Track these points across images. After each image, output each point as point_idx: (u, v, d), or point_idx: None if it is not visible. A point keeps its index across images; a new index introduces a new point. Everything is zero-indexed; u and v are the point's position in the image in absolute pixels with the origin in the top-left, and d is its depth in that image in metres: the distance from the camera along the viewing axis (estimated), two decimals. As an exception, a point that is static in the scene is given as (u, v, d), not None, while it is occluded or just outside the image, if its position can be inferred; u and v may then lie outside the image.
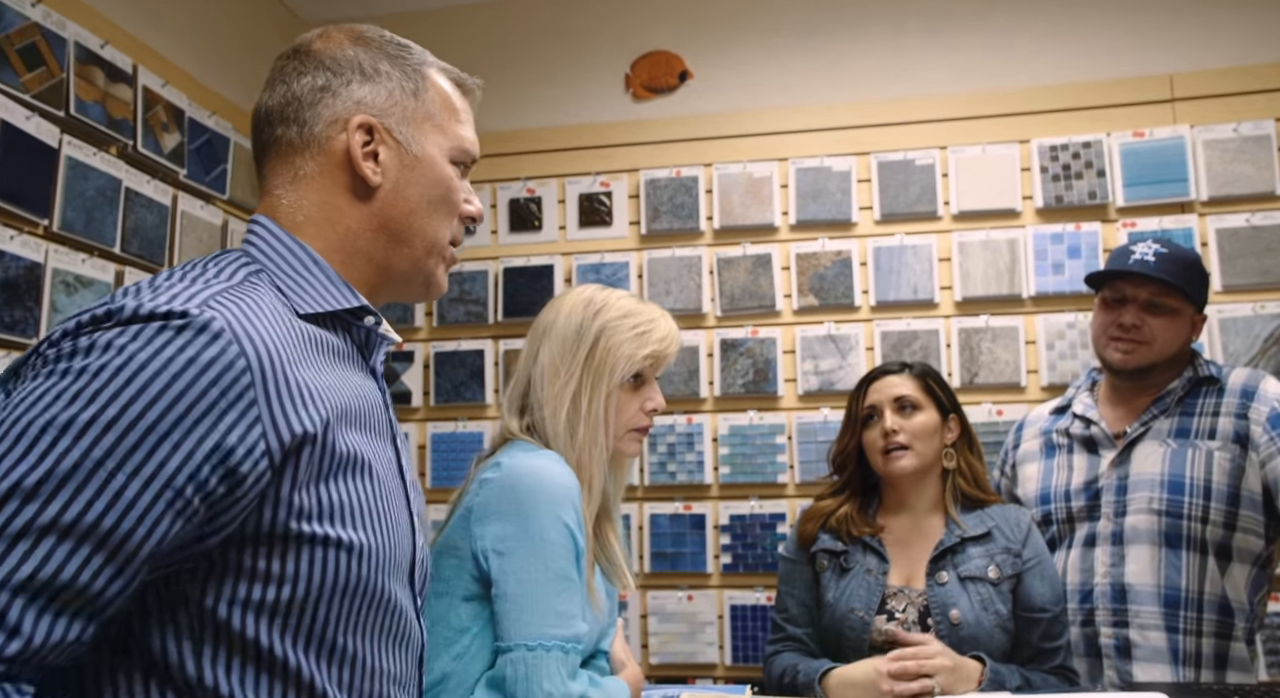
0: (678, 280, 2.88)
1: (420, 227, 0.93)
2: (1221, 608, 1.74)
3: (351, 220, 0.91)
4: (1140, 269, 1.81)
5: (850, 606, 1.63)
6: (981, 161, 2.75)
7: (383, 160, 0.91)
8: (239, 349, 0.73)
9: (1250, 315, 2.55)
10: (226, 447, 0.72)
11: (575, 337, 1.35)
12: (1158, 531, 1.78)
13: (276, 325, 0.79)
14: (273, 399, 0.75)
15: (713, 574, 2.76)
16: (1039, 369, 2.66)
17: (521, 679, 1.15)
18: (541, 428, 1.34)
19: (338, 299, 0.88)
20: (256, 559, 0.75)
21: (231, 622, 0.74)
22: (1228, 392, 1.83)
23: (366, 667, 0.82)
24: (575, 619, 1.21)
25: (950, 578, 1.63)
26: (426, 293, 0.98)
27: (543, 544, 1.21)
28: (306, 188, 0.90)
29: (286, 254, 0.88)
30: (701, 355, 2.84)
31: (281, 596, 0.76)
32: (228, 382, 0.72)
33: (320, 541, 0.77)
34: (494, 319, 2.98)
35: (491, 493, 1.25)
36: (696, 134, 2.95)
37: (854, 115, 2.85)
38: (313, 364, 0.81)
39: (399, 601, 0.86)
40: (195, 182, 2.47)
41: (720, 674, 2.71)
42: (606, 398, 1.34)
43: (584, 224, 2.97)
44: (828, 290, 2.79)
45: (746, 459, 2.78)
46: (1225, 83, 2.65)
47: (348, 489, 0.80)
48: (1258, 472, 1.75)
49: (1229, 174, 2.61)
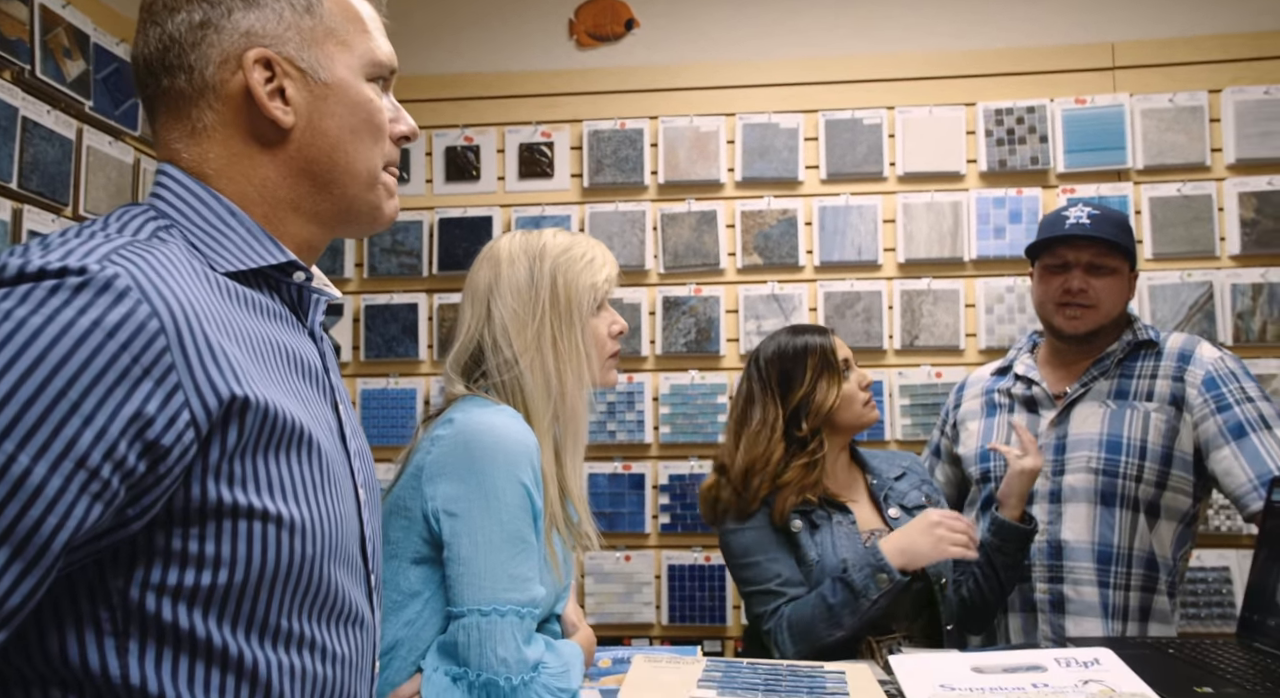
0: (620, 236, 2.80)
1: (348, 162, 0.82)
2: (1148, 563, 1.79)
3: (268, 170, 0.80)
4: (1078, 232, 1.82)
5: (840, 556, 1.63)
6: (928, 123, 2.74)
7: (290, 96, 0.79)
8: (149, 309, 0.63)
9: (1178, 283, 2.62)
10: (145, 416, 0.62)
11: (529, 284, 1.29)
12: (1094, 489, 1.81)
13: (192, 281, 0.69)
14: (194, 363, 0.65)
15: (651, 534, 2.74)
16: (978, 333, 2.69)
17: (474, 645, 1.09)
18: (514, 389, 1.26)
19: (260, 254, 0.78)
20: (187, 542, 0.66)
21: (162, 613, 0.65)
22: (1165, 355, 1.86)
23: (316, 651, 0.74)
24: (531, 582, 1.15)
25: (900, 513, 1.72)
26: (374, 226, 0.88)
27: (498, 504, 1.14)
28: (209, 141, 0.79)
29: (199, 206, 0.77)
30: (643, 313, 2.78)
31: (218, 580, 0.67)
32: (139, 346, 0.62)
33: (259, 515, 0.68)
34: (428, 272, 2.86)
35: (444, 450, 1.17)
36: (642, 85, 2.86)
37: (803, 71, 2.80)
38: (238, 324, 0.72)
39: (348, 580, 0.78)
40: (103, 115, 2.28)
41: (657, 634, 2.71)
42: (582, 333, 1.30)
43: (524, 175, 2.87)
44: (772, 249, 2.76)
45: (687, 419, 2.75)
46: (1164, 53, 2.69)
47: (285, 463, 0.71)
48: (1190, 432, 1.80)
49: (1163, 143, 2.66)
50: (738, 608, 2.67)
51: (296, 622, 0.72)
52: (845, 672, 1.25)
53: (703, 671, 1.23)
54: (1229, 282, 2.59)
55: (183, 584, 0.66)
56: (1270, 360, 2.55)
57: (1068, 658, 1.27)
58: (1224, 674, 1.25)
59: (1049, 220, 1.92)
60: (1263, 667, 1.29)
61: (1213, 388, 1.78)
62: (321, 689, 0.74)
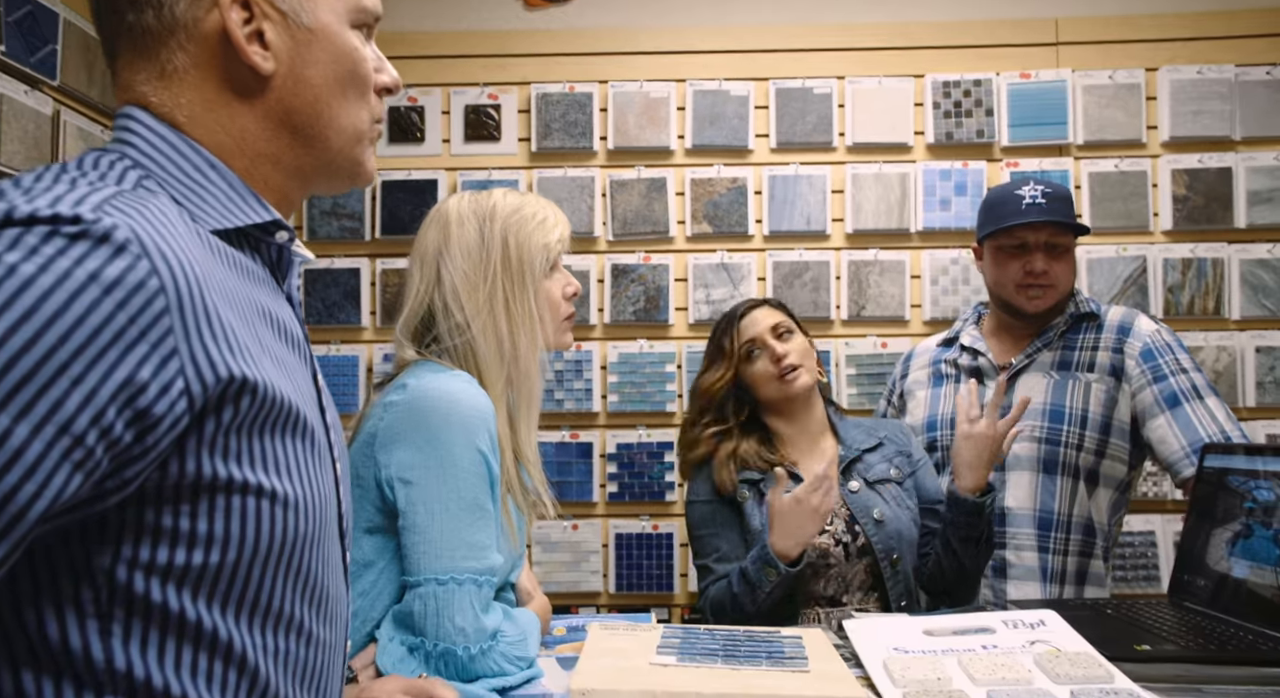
0: (569, 202, 2.76)
1: (332, 115, 0.77)
2: (1086, 529, 1.85)
3: (246, 120, 0.74)
4: (1038, 215, 1.85)
5: None
6: (877, 94, 2.75)
7: (270, 41, 0.73)
8: (150, 266, 0.58)
9: (1114, 257, 2.69)
10: (138, 383, 0.57)
11: (480, 245, 1.26)
12: (1037, 457, 1.86)
13: (189, 239, 0.64)
14: (192, 330, 0.60)
15: (598, 503, 2.74)
16: (923, 304, 2.73)
17: (431, 615, 1.07)
18: (466, 354, 1.23)
19: (245, 212, 0.73)
20: (178, 518, 0.62)
21: (150, 593, 0.61)
22: (1105, 327, 1.91)
23: (301, 634, 0.70)
24: (489, 551, 1.13)
25: (860, 485, 1.70)
26: (354, 183, 0.82)
27: (454, 471, 1.11)
28: (180, 86, 0.73)
29: (175, 156, 0.71)
30: (592, 281, 2.76)
31: (210, 559, 0.63)
32: (137, 305, 0.57)
33: (254, 491, 0.64)
34: (371, 236, 2.78)
35: (398, 417, 1.14)
36: (592, 48, 2.80)
37: (755, 38, 2.78)
38: (232, 289, 0.67)
39: (331, 558, 0.75)
40: (16, 62, 2.13)
41: (604, 603, 2.71)
42: (535, 295, 1.27)
43: (470, 138, 2.80)
44: (722, 218, 2.75)
45: (635, 388, 2.74)
46: (1106, 30, 2.74)
47: (280, 440, 0.67)
48: (1128, 402, 1.85)
49: (1103, 119, 2.72)
50: (685, 576, 2.69)
51: (285, 603, 0.69)
52: (801, 636, 1.27)
53: (660, 637, 1.23)
54: (1161, 256, 2.68)
55: (173, 563, 0.62)
56: (1196, 333, 2.65)
57: (1014, 620, 1.30)
58: (1159, 632, 1.30)
59: (1001, 198, 1.93)
60: (1193, 624, 1.34)
61: (1150, 359, 1.84)
62: (302, 671, 0.71)
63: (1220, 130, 2.67)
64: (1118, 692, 1.07)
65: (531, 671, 1.15)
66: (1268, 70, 2.67)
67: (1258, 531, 1.37)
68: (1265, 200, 2.65)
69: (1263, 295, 2.64)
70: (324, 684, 0.75)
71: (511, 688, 1.11)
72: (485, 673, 1.08)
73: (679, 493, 2.72)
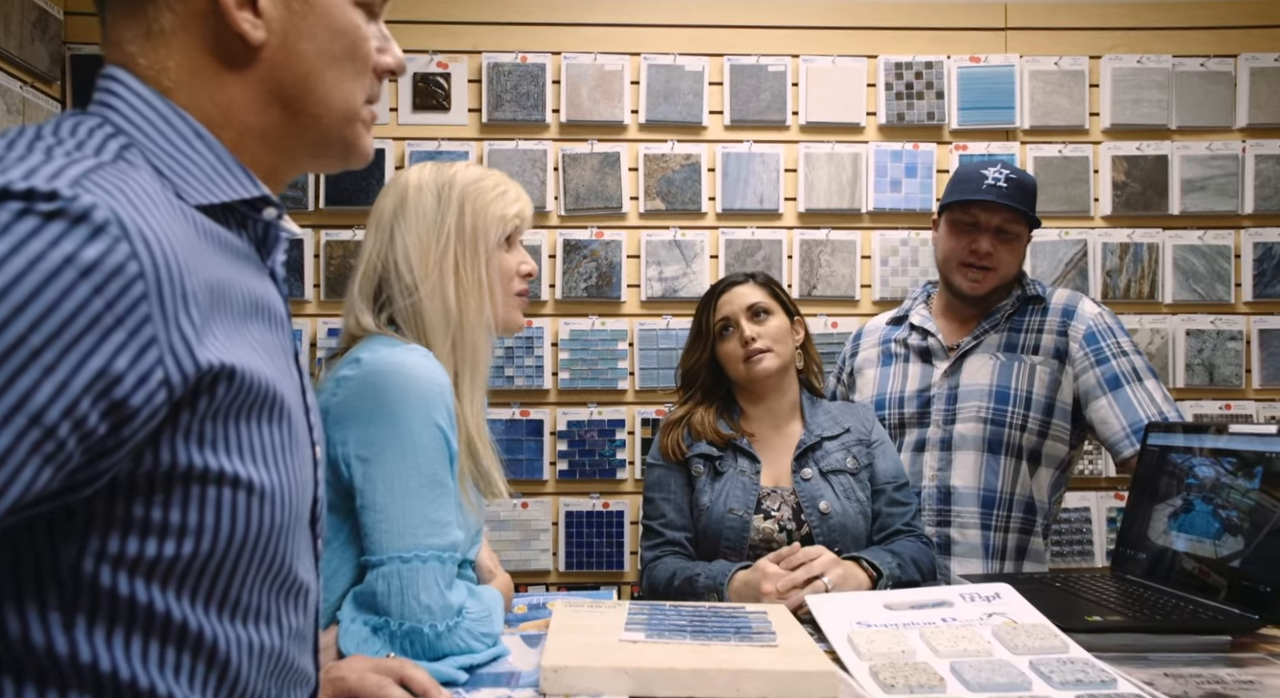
0: (520, 175, 2.71)
1: (324, 92, 0.73)
2: (1027, 507, 1.91)
3: (234, 89, 0.70)
4: (994, 196, 1.87)
5: (728, 506, 1.64)
6: (831, 73, 2.76)
7: (264, 9, 0.69)
8: (129, 250, 0.55)
9: (1056, 240, 2.76)
10: (114, 373, 0.54)
11: (436, 209, 1.23)
12: (983, 437, 1.90)
13: (170, 217, 0.60)
14: (171, 317, 0.57)
15: (548, 481, 2.72)
16: (872, 284, 2.76)
17: (396, 594, 1.04)
18: (412, 317, 1.20)
19: (233, 186, 0.69)
20: (150, 509, 0.59)
21: (117, 586, 0.58)
22: (1050, 310, 1.96)
23: (272, 624, 0.68)
24: (451, 527, 1.11)
25: (814, 474, 1.69)
26: (346, 163, 0.78)
27: (413, 447, 1.08)
28: (167, 47, 0.68)
29: (161, 124, 0.66)
30: (543, 256, 2.72)
31: (182, 551, 0.60)
32: (115, 290, 0.54)
33: (229, 481, 0.62)
34: (314, 206, 2.70)
35: (352, 392, 1.10)
36: (545, 18, 2.75)
37: (710, 13, 2.76)
38: (215, 270, 0.63)
39: (301, 548, 0.72)
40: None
41: (554, 581, 2.70)
42: (487, 262, 1.24)
43: (418, 107, 2.72)
44: (675, 194, 2.74)
45: (587, 365, 2.72)
46: (1053, 17, 2.79)
47: (258, 426, 0.64)
48: (1071, 384, 1.91)
49: (1048, 105, 2.77)
50: (634, 554, 2.70)
51: (257, 595, 0.66)
52: (766, 611, 1.28)
53: (627, 614, 1.23)
54: (1100, 241, 2.75)
55: (143, 555, 0.59)
56: (1132, 316, 2.74)
57: (971, 593, 1.33)
58: (1106, 604, 1.34)
59: (966, 175, 1.94)
60: (1136, 595, 1.39)
61: (1093, 343, 1.89)
62: (274, 664, 0.69)
63: (1158, 119, 2.75)
64: (1074, 661, 1.10)
65: (497, 648, 1.14)
66: (1202, 62, 2.76)
67: (1199, 505, 1.42)
68: (1198, 188, 2.75)
69: (1193, 280, 2.74)
70: (293, 673, 0.72)
71: (479, 666, 1.09)
72: (452, 651, 1.06)
73: (630, 471, 2.72)
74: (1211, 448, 1.44)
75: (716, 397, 1.78)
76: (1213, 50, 2.76)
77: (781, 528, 1.64)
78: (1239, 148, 2.75)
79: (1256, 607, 1.25)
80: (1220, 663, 1.17)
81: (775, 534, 1.63)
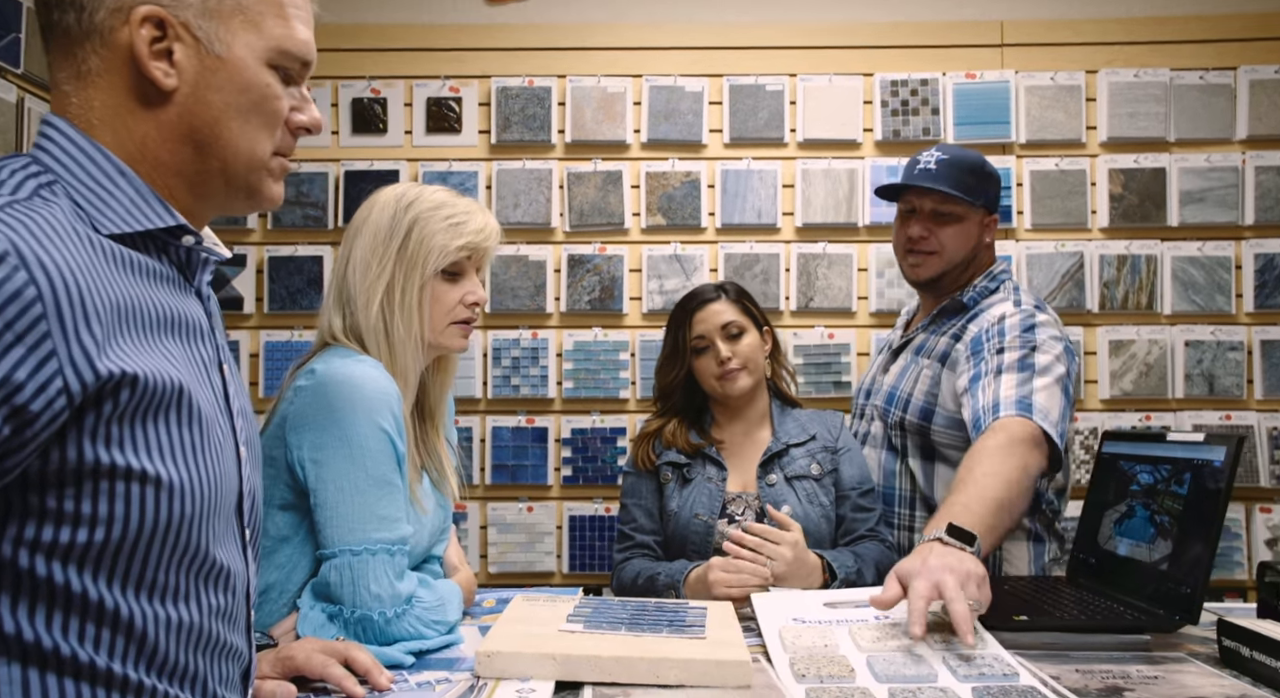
0: (527, 193, 2.84)
1: (229, 138, 0.81)
2: (927, 506, 1.85)
3: (147, 127, 0.79)
4: (922, 180, 1.84)
5: (694, 512, 1.72)
6: (828, 91, 2.83)
7: (178, 61, 0.78)
8: (26, 276, 0.64)
9: (1052, 252, 2.79)
10: (13, 382, 0.63)
11: (388, 229, 1.31)
12: (882, 435, 1.91)
13: (75, 247, 0.69)
14: (70, 334, 0.66)
15: (553, 486, 2.82)
16: (869, 296, 2.82)
17: (348, 584, 1.15)
18: (356, 326, 1.30)
19: (148, 217, 0.78)
20: (62, 501, 0.68)
21: (35, 568, 0.67)
22: (968, 316, 1.88)
23: (191, 603, 0.77)
24: (399, 522, 1.21)
25: (779, 479, 1.76)
26: (253, 206, 0.88)
27: (360, 450, 1.18)
28: (93, 87, 0.78)
29: (85, 162, 0.76)
30: (549, 270, 2.83)
31: (94, 538, 0.69)
32: (13, 313, 0.63)
33: (136, 476, 0.70)
34: (334, 224, 2.85)
35: (305, 401, 1.21)
36: (551, 43, 2.87)
37: (709, 36, 2.86)
38: (121, 290, 0.72)
39: (223, 536, 0.81)
40: (-18, 52, 2.19)
41: (558, 582, 2.80)
42: (420, 290, 1.31)
43: (431, 130, 2.86)
44: (675, 210, 2.83)
45: (590, 375, 2.82)
46: (1049, 33, 2.83)
47: (164, 426, 0.73)
48: (953, 387, 1.81)
49: (1044, 120, 2.81)
50: (635, 556, 2.79)
51: (172, 576, 0.75)
52: (707, 607, 1.36)
53: (574, 607, 1.32)
54: (1098, 252, 2.78)
55: (57, 541, 0.68)
56: (1129, 327, 2.75)
57: (908, 593, 1.39)
58: (1041, 606, 1.40)
59: (908, 164, 1.93)
60: (1077, 598, 1.44)
61: (976, 344, 1.78)
62: (194, 637, 0.77)
63: (1155, 132, 2.77)
64: (984, 656, 1.16)
65: (450, 636, 1.24)
66: (1200, 75, 2.77)
67: (1138, 511, 1.47)
68: (1197, 200, 2.76)
69: (1192, 291, 2.75)
70: (221, 647, 0.81)
71: (429, 651, 1.20)
72: (402, 636, 1.16)
73: (631, 477, 2.81)
74: (1151, 456, 1.49)
75: (691, 408, 1.86)
76: (1211, 63, 2.78)
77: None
78: (1239, 159, 2.75)
79: (1180, 609, 1.30)
80: (1138, 661, 1.22)
81: None
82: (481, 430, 2.81)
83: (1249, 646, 1.15)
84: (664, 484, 1.79)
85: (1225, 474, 1.32)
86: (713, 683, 1.09)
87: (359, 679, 1.04)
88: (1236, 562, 2.73)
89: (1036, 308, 1.80)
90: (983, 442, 1.56)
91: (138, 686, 0.73)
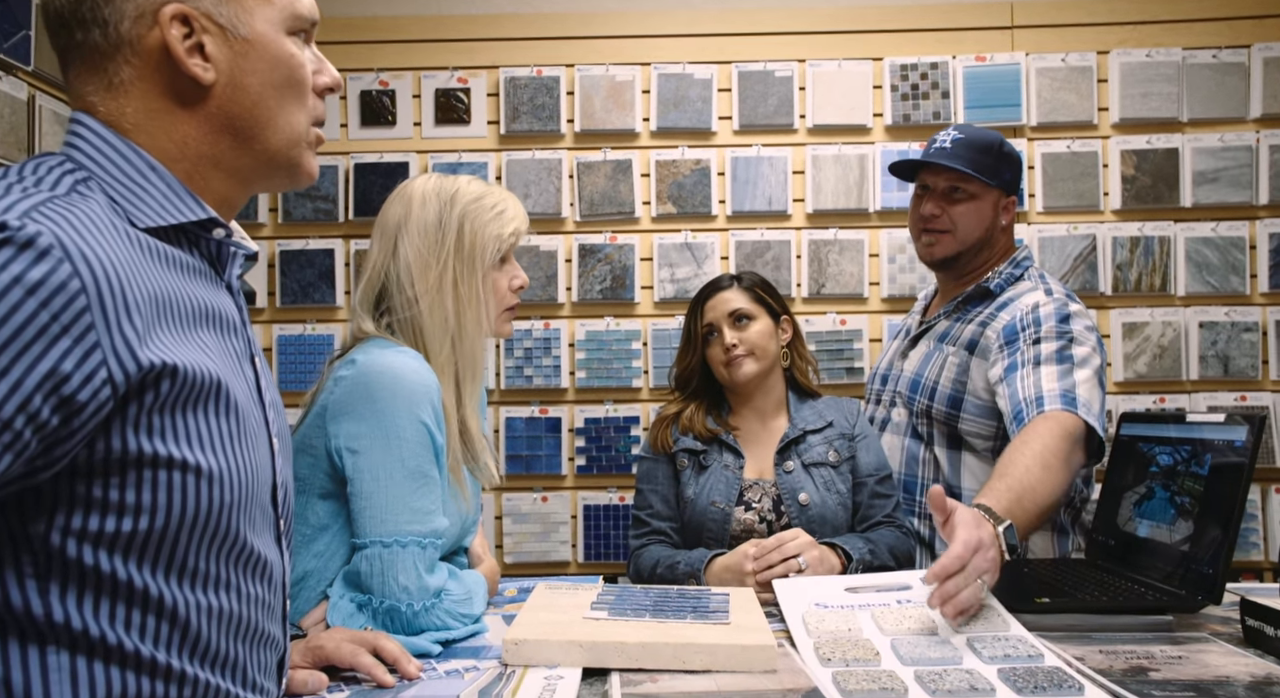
0: (537, 183, 2.84)
1: (270, 118, 0.83)
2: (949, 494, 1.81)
3: (188, 126, 0.80)
4: (937, 158, 1.83)
5: (711, 499, 1.73)
6: (837, 77, 2.82)
7: (210, 53, 0.79)
8: (71, 269, 0.65)
9: (1065, 235, 2.78)
10: (61, 373, 0.64)
11: (438, 227, 1.33)
12: (906, 423, 1.90)
13: (114, 241, 0.70)
14: (113, 325, 0.67)
15: (567, 476, 2.83)
16: (880, 281, 2.81)
17: (377, 574, 1.16)
18: (410, 326, 1.31)
19: (181, 211, 0.79)
20: (107, 490, 0.69)
21: (82, 557, 0.69)
22: (996, 303, 1.85)
23: (230, 591, 0.78)
24: (433, 515, 1.22)
25: (795, 466, 1.76)
26: (294, 182, 0.89)
27: (398, 442, 1.20)
28: (126, 96, 0.79)
29: (118, 159, 0.77)
30: (560, 261, 2.83)
31: (138, 526, 0.70)
32: (59, 305, 0.64)
33: (177, 465, 0.72)
34: (344, 217, 2.85)
35: (345, 390, 1.22)
36: (558, 33, 2.87)
37: (717, 22, 2.85)
38: (159, 283, 0.74)
39: (259, 525, 0.82)
40: (-7, 50, 2.20)
41: (573, 571, 2.82)
42: (483, 281, 1.34)
43: (440, 121, 2.86)
44: (686, 198, 2.83)
45: (602, 364, 2.83)
46: (1059, 14, 2.81)
47: (202, 417, 0.74)
48: (984, 374, 1.79)
49: (1056, 102, 2.79)
50: (650, 544, 2.80)
51: (212, 564, 0.76)
52: (729, 594, 1.36)
53: (597, 595, 1.33)
54: (1110, 235, 2.77)
55: (103, 530, 0.69)
56: (1143, 309, 2.74)
57: (929, 577, 1.40)
58: (1063, 587, 1.40)
59: (927, 144, 1.92)
60: (1098, 580, 1.44)
61: (1010, 333, 1.76)
62: (235, 625, 0.79)
63: (1168, 112, 2.75)
64: (1009, 638, 1.17)
65: (476, 626, 1.25)
66: (1214, 53, 2.75)
67: (1158, 492, 1.47)
68: (1210, 180, 2.74)
69: (1206, 272, 2.74)
70: (259, 636, 0.83)
71: (455, 641, 1.21)
72: (429, 628, 1.17)
73: (645, 466, 2.81)
74: (1170, 437, 1.49)
75: (708, 395, 1.87)
76: (1225, 41, 2.75)
77: (762, 519, 1.72)
78: (1253, 139, 2.74)
79: (1202, 589, 1.30)
80: (1161, 641, 1.22)
81: (755, 525, 1.72)
82: (495, 421, 2.81)
83: (1273, 625, 1.15)
84: (680, 470, 1.79)
85: (1247, 454, 1.32)
86: (738, 668, 1.10)
87: (388, 668, 1.05)
88: (1253, 543, 2.73)
89: (1068, 297, 1.80)
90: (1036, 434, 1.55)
91: (180, 674, 0.74)
